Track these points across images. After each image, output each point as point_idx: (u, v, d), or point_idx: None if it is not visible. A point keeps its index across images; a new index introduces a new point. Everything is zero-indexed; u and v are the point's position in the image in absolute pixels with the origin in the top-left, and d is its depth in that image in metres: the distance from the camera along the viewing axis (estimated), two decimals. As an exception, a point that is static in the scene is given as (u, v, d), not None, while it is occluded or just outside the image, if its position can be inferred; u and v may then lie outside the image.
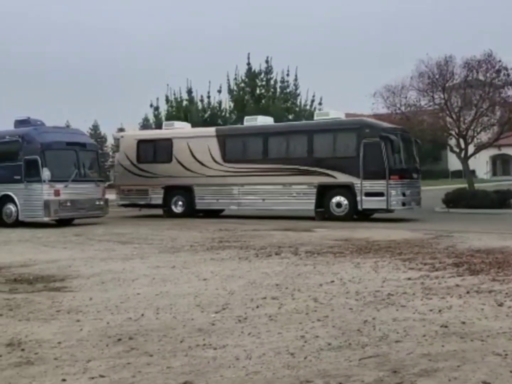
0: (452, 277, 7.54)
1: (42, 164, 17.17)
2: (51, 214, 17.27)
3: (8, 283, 7.89)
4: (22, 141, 17.74)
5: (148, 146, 21.21)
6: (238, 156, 19.58)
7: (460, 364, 4.13)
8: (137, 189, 20.86)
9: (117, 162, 21.67)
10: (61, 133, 18.96)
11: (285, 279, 7.64)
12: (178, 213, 19.99)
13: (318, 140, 18.59)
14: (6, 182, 17.82)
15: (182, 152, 20.19)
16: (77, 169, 18.14)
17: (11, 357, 4.53)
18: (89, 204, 18.17)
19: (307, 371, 4.08)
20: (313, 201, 18.01)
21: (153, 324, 5.44)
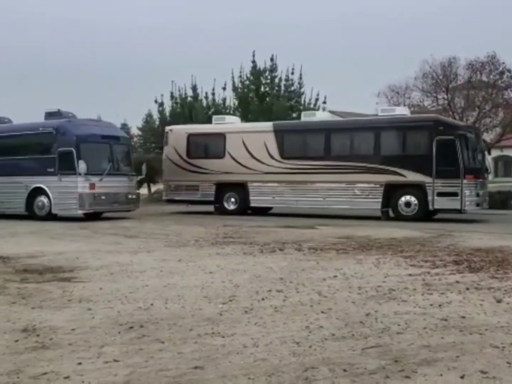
0: (452, 274, 7.72)
1: (77, 157, 17.00)
2: (86, 208, 17.19)
3: (18, 273, 8.07)
4: (56, 133, 17.57)
5: (199, 141, 20.72)
6: (297, 153, 18.90)
7: (459, 355, 4.31)
8: (187, 185, 20.25)
9: (165, 156, 20.96)
10: (95, 126, 18.82)
11: (289, 273, 7.83)
12: (231, 210, 19.52)
13: (386, 137, 17.95)
14: (38, 174, 17.66)
15: (236, 147, 19.59)
16: (111, 162, 17.99)
17: (27, 342, 4.71)
18: (122, 198, 18.06)
19: (312, 358, 4.26)
20: (380, 200, 17.44)
21: (162, 313, 5.63)
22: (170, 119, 30.51)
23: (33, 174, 17.77)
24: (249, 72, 30.72)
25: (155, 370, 4.01)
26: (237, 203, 19.62)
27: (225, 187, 19.73)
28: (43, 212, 17.60)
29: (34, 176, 17.72)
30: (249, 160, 19.34)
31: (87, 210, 17.47)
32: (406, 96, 33.71)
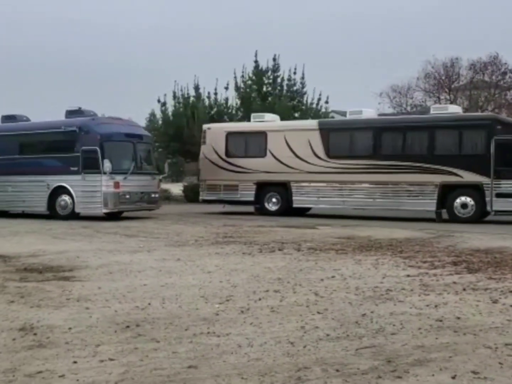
0: (450, 275, 7.74)
1: (102, 156, 16.85)
2: (110, 207, 16.99)
3: (18, 272, 8.12)
4: (79, 132, 17.40)
5: (239, 139, 20.01)
6: (344, 152, 18.27)
7: (452, 356, 4.33)
8: (225, 185, 19.62)
9: (203, 155, 20.35)
10: (118, 124, 18.64)
11: (287, 273, 7.86)
12: (272, 211, 18.98)
13: (440, 135, 17.29)
14: (60, 173, 17.49)
15: (278, 146, 19.00)
16: (135, 161, 17.84)
17: (24, 341, 4.75)
18: (146, 197, 17.93)
19: (306, 359, 4.29)
20: (434, 201, 16.88)
21: (159, 312, 5.66)
22: (173, 119, 30.59)
23: (55, 173, 17.59)
24: (251, 72, 30.76)
25: (149, 369, 4.04)
26: (279, 204, 19.09)
27: (266, 187, 19.18)
28: (66, 211, 17.43)
29: (56, 175, 17.55)
30: (292, 159, 18.75)
31: (112, 210, 17.23)
32: (409, 96, 33.76)
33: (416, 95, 33.70)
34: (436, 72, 31.93)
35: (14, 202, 18.61)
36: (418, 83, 32.85)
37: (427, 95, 33.13)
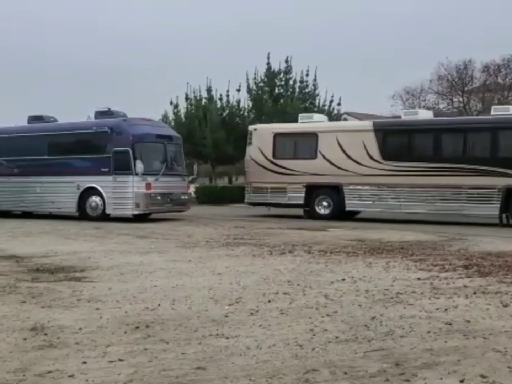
0: (461, 278, 7.71)
1: (134, 157, 16.77)
2: (142, 208, 16.89)
3: (30, 272, 8.19)
4: (111, 132, 17.29)
5: (288, 140, 19.37)
6: (401, 154, 17.55)
7: (460, 359, 4.32)
8: (273, 187, 18.98)
9: (248, 157, 19.71)
10: (149, 125, 18.57)
11: (297, 276, 7.86)
12: (323, 215, 18.25)
13: (503, 137, 16.47)
14: (91, 174, 17.38)
15: (329, 147, 18.27)
16: (166, 162, 17.73)
17: (35, 341, 4.80)
18: (176, 198, 17.84)
19: (314, 361, 4.30)
20: (497, 205, 16.12)
21: (169, 314, 5.69)
22: (185, 120, 30.70)
23: (85, 174, 17.51)
24: (263, 74, 30.80)
25: (158, 370, 4.07)
26: (330, 207, 18.39)
27: (316, 190, 18.47)
28: (96, 212, 17.33)
29: (86, 175, 17.47)
30: (344, 161, 18.04)
31: (143, 211, 17.13)
32: (422, 98, 33.66)
33: (429, 97, 33.63)
34: (449, 74, 31.82)
35: (42, 203, 18.51)
36: (431, 85, 32.77)
37: (440, 97, 33.03)
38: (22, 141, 19.11)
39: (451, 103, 31.83)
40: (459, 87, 31.45)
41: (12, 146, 19.22)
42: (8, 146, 19.34)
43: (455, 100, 32.08)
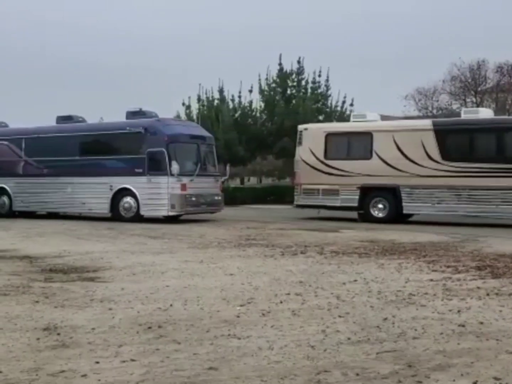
0: (474, 279, 7.67)
1: (169, 157, 16.58)
2: (177, 209, 16.73)
3: (43, 272, 8.24)
4: (145, 133, 17.07)
5: (340, 140, 18.56)
6: (462, 154, 16.73)
7: (473, 361, 4.30)
8: (324, 189, 18.14)
9: (299, 158, 18.84)
10: (183, 126, 18.56)
11: (309, 277, 7.85)
12: (379, 218, 17.44)
13: None
14: (124, 174, 17.17)
15: (385, 147, 17.42)
16: (200, 163, 17.61)
17: (48, 340, 4.82)
18: (209, 199, 17.67)
19: (326, 362, 4.29)
20: None
21: (181, 314, 5.71)
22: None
23: (118, 175, 17.30)
24: (275, 75, 30.80)
25: (170, 370, 4.08)
26: (386, 209, 17.51)
27: (371, 192, 17.62)
28: (130, 213, 17.14)
29: (119, 176, 17.26)
30: (401, 162, 17.16)
31: (178, 212, 16.98)
32: (434, 99, 33.52)
33: (442, 98, 33.48)
34: (462, 75, 31.66)
35: (73, 204, 18.36)
36: (444, 85, 32.63)
37: (453, 98, 32.87)
38: (52, 141, 18.87)
39: (464, 104, 31.65)
40: (472, 88, 31.28)
41: (42, 147, 19.00)
42: (37, 146, 19.16)
43: (468, 100, 31.90)
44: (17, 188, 19.48)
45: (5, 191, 19.67)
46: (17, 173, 19.65)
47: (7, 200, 19.66)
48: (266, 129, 30.63)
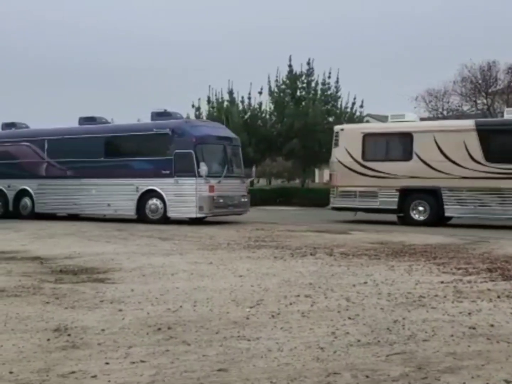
0: (485, 282, 7.63)
1: (197, 159, 16.47)
2: (205, 211, 16.58)
3: (54, 273, 8.28)
4: (172, 134, 16.92)
5: (378, 141, 18.13)
6: (506, 155, 16.11)
7: (484, 364, 4.27)
8: (362, 191, 17.70)
9: (335, 159, 18.38)
10: (210, 127, 18.40)
11: (318, 278, 7.84)
12: (419, 221, 16.98)
13: None
14: (151, 176, 17.07)
15: (426, 148, 16.95)
16: (227, 164, 17.50)
17: (58, 341, 4.84)
18: (236, 201, 17.52)
19: (336, 364, 4.28)
20: None
21: (190, 315, 5.71)
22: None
23: (145, 176, 17.19)
24: (285, 76, 30.81)
25: (179, 372, 4.08)
26: (427, 212, 17.04)
27: (411, 194, 17.14)
28: (156, 215, 17.05)
29: (146, 178, 17.15)
30: (443, 163, 16.67)
31: (206, 214, 16.79)
32: (445, 100, 33.39)
33: (452, 99, 33.35)
34: (473, 76, 31.51)
35: (98, 206, 18.24)
36: (455, 87, 32.50)
37: (464, 99, 32.74)
38: (76, 142, 18.79)
39: (474, 105, 31.52)
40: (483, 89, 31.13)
41: (65, 148, 18.90)
42: (60, 147, 19.04)
43: (478, 102, 31.75)
44: (39, 190, 19.34)
45: (27, 193, 19.54)
46: (39, 174, 19.49)
47: (29, 201, 19.54)
48: (275, 130, 30.65)
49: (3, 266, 8.87)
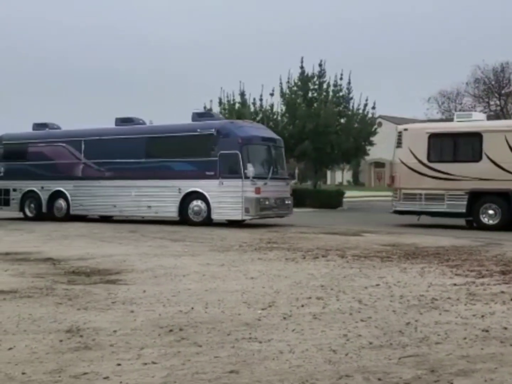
0: (498, 284, 7.57)
1: (243, 160, 16.17)
2: (251, 213, 16.21)
3: (66, 275, 8.31)
4: (217, 135, 16.63)
5: (445, 141, 17.31)
6: None
7: (497, 367, 4.24)
8: (427, 194, 16.86)
9: (399, 160, 17.56)
10: (254, 128, 18.03)
11: (330, 280, 7.82)
12: (490, 225, 16.27)
13: None
14: (194, 177, 16.79)
15: (497, 149, 16.19)
16: (272, 165, 17.16)
17: (70, 342, 4.86)
18: (281, 203, 17.20)
19: (348, 366, 4.26)
20: None
21: (202, 317, 5.71)
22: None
23: (187, 177, 16.89)
24: (297, 78, 30.78)
25: (191, 373, 4.08)
26: (498, 216, 16.27)
27: (481, 197, 16.38)
28: (200, 217, 16.75)
29: (189, 179, 16.85)
30: None
31: (253, 216, 16.42)
32: (457, 101, 33.22)
33: (465, 100, 33.19)
34: (486, 77, 31.34)
35: (138, 208, 17.90)
36: (467, 88, 32.34)
37: (477, 101, 32.56)
38: (115, 143, 18.53)
39: (487, 106, 31.34)
40: (496, 90, 30.95)
41: (104, 149, 18.60)
42: (98, 148, 18.76)
43: (491, 103, 31.59)
44: (75, 191, 19.02)
45: (62, 194, 19.24)
46: (75, 175, 19.19)
47: (64, 203, 19.26)
48: (287, 132, 30.60)
49: (16, 267, 8.92)
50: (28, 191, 19.90)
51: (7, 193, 20.32)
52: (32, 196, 19.87)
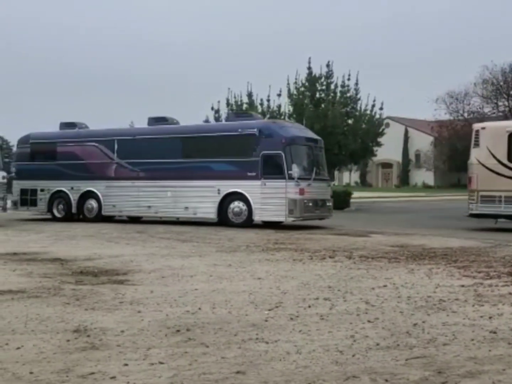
0: (506, 285, 7.53)
1: (287, 160, 15.92)
2: (295, 215, 15.94)
3: (74, 275, 8.33)
4: (259, 135, 16.34)
5: None
6: None
7: (505, 368, 4.22)
8: (508, 196, 15.95)
9: (475, 161, 16.65)
10: (296, 128, 17.83)
11: (337, 281, 7.81)
12: None
13: None
14: (234, 178, 16.52)
15: None
16: (315, 166, 16.91)
17: (78, 342, 4.88)
18: (322, 204, 16.93)
19: (355, 367, 4.26)
20: None
21: (209, 317, 5.72)
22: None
23: (227, 178, 16.59)
24: (304, 78, 30.74)
25: (198, 374, 4.09)
26: None
27: None
28: (240, 218, 16.49)
29: (228, 179, 16.55)
30: None
31: (297, 218, 16.14)
32: (466, 102, 33.12)
33: (473, 101, 33.09)
34: (494, 78, 31.23)
35: (174, 209, 17.64)
36: (476, 89, 32.24)
37: (485, 101, 32.45)
38: (150, 143, 18.24)
39: (496, 107, 31.22)
40: (505, 91, 30.82)
41: (138, 149, 18.32)
42: (132, 148, 18.47)
43: (500, 104, 31.46)
44: (108, 192, 18.71)
45: (94, 195, 18.96)
46: (108, 176, 18.87)
47: (95, 204, 18.99)
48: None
49: (23, 267, 8.96)
50: (56, 191, 19.56)
51: (34, 193, 19.96)
52: (61, 197, 19.55)
